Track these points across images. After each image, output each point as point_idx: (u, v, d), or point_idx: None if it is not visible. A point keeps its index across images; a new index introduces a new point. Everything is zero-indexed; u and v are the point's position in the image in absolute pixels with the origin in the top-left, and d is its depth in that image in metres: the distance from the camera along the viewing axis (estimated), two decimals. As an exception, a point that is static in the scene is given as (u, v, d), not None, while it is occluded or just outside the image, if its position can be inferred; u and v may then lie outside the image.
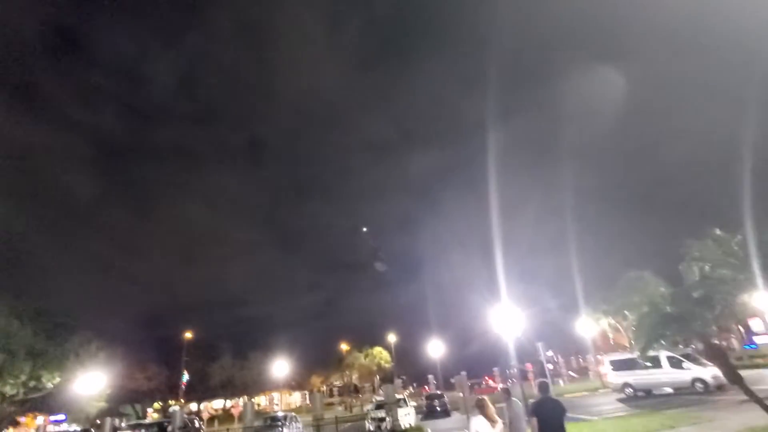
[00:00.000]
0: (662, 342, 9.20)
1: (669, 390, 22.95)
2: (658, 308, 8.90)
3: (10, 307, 23.78)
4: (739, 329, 43.99)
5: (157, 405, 51.32)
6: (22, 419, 35.42)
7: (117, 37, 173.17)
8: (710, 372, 21.04)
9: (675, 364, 22.53)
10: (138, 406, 49.48)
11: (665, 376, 22.99)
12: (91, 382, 27.52)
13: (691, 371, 22.18)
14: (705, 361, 23.14)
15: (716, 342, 9.19)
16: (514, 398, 8.33)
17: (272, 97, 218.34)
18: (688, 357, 22.72)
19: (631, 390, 24.51)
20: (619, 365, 25.90)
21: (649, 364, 23.36)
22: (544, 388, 7.09)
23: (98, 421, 30.16)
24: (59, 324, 28.61)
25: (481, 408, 6.87)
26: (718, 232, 8.29)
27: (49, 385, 26.29)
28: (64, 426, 38.84)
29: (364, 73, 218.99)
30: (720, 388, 20.65)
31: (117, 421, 28.61)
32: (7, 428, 31.89)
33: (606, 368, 27.05)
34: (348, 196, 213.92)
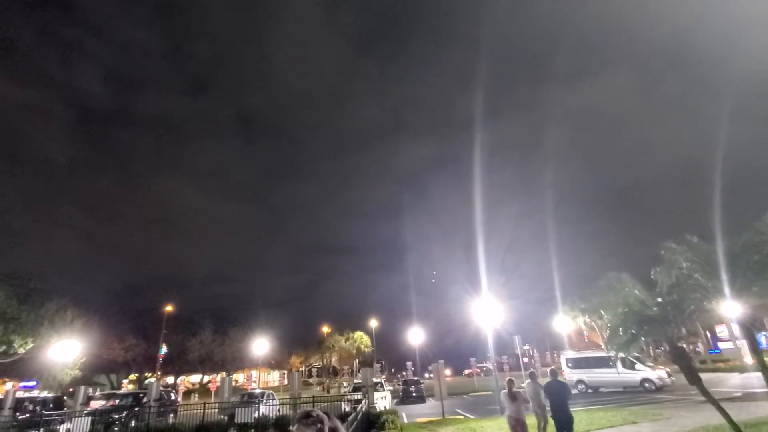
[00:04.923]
0: (638, 343, 9.51)
1: (619, 389, 24.04)
2: (633, 309, 9.18)
3: None
4: (705, 335, 45.61)
5: (133, 376, 51.14)
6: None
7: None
8: (656, 374, 23.10)
9: (628, 365, 23.54)
10: (113, 377, 49.28)
11: (617, 375, 24.03)
12: (66, 349, 27.22)
13: (641, 372, 23.29)
14: (650, 363, 24.71)
15: (681, 344, 9.54)
16: (538, 380, 10.73)
17: (265, 73, 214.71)
18: (637, 359, 23.84)
19: (584, 386, 25.52)
20: (575, 363, 26.88)
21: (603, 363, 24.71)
22: (554, 373, 9.92)
23: (71, 390, 30.03)
24: (33, 289, 28.11)
25: (509, 385, 9.27)
26: (695, 239, 8.52)
27: (21, 350, 25.91)
28: (35, 392, 38.58)
29: (361, 58, 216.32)
30: (662, 388, 22.28)
31: (91, 390, 28.51)
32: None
33: (563, 365, 28.09)
34: (337, 179, 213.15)
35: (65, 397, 26.41)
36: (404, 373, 56.28)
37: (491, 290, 24.01)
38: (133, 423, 19.27)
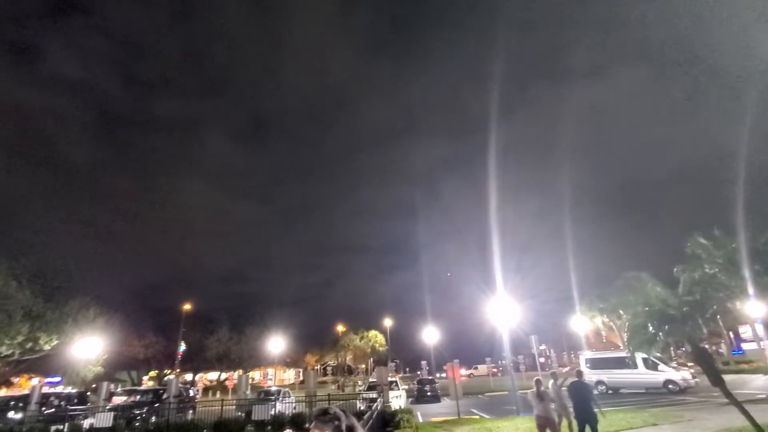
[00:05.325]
0: (658, 343, 9.28)
1: (641, 390, 23.46)
2: (654, 308, 8.98)
3: (7, 268, 23.64)
4: (729, 335, 44.38)
5: (152, 373, 52.18)
6: (15, 379, 36.06)
7: (122, 3, 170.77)
8: (680, 375, 22.42)
9: (650, 366, 23.01)
10: (134, 373, 50.36)
11: (639, 376, 23.50)
12: (89, 346, 27.88)
13: (664, 373, 22.70)
14: (674, 364, 23.96)
15: (703, 345, 9.30)
16: (559, 380, 11.21)
17: (279, 74, 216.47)
18: (660, 359, 23.26)
19: (604, 388, 25.02)
20: (595, 363, 26.34)
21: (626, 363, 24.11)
22: (579, 374, 10.14)
23: (94, 385, 30.78)
24: (58, 287, 28.79)
25: (536, 384, 9.54)
26: (717, 233, 8.31)
27: (46, 347, 26.60)
28: (60, 388, 39.69)
29: (373, 59, 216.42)
30: (686, 390, 21.64)
31: (113, 386, 29.20)
32: (0, 388, 32.51)
33: (581, 365, 27.49)
34: (350, 179, 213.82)
35: (88, 393, 27.12)
36: (419, 372, 56.18)
37: (507, 289, 23.81)
38: (153, 418, 19.71)
